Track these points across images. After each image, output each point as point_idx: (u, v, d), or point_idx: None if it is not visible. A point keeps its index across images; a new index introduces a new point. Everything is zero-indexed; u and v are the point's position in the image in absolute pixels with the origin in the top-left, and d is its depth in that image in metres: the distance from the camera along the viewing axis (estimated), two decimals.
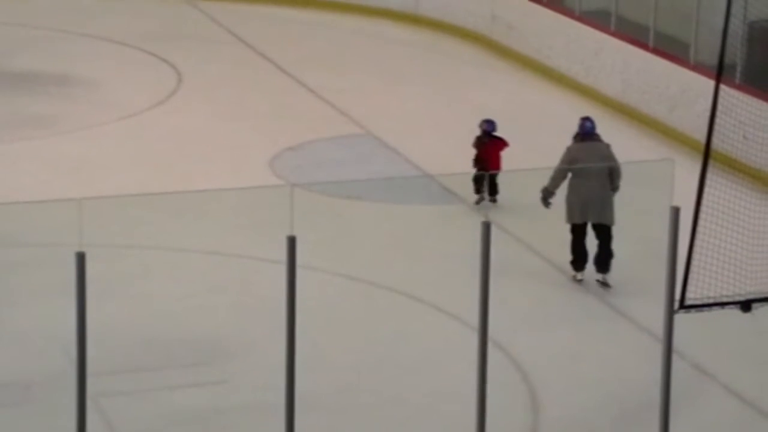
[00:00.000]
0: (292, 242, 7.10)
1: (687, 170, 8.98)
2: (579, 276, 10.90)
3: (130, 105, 14.98)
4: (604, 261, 10.79)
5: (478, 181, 12.28)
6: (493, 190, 12.27)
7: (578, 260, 10.89)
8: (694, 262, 7.62)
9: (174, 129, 14.42)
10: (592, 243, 10.90)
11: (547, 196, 10.92)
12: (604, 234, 10.78)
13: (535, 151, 13.76)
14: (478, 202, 12.25)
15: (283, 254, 7.16)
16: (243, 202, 11.94)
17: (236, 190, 11.76)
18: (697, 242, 7.63)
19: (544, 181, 11.07)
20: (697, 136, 13.53)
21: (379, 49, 17.76)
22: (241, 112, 15.05)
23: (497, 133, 12.36)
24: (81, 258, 6.67)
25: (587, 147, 11.01)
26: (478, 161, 12.30)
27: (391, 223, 12.16)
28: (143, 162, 13.33)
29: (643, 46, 15.11)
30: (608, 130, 14.09)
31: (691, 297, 7.60)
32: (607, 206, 10.75)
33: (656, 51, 14.95)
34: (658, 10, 15.04)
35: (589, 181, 10.81)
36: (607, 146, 11.07)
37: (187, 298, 10.43)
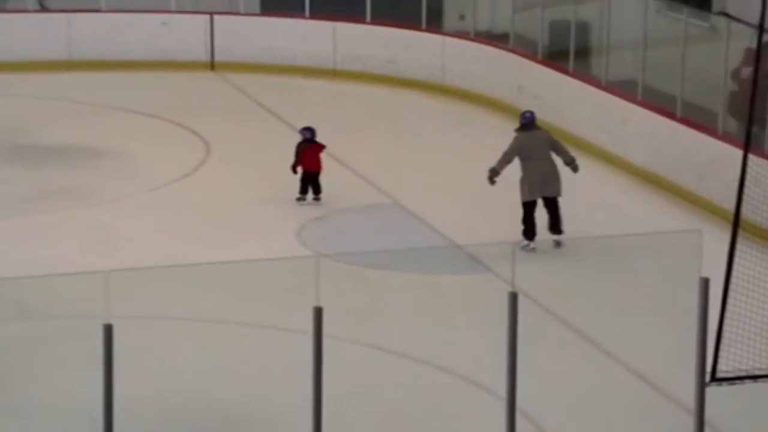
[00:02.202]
0: (318, 313, 7.09)
1: (716, 240, 8.92)
2: (532, 245, 12.64)
3: (158, 176, 15.09)
4: (556, 225, 12.72)
5: (304, 182, 14.04)
6: (317, 189, 14.07)
7: (531, 231, 12.74)
8: (725, 334, 7.54)
9: (202, 200, 14.49)
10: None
11: (493, 175, 12.96)
12: (554, 204, 12.80)
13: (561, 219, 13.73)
14: (300, 199, 14.05)
15: (309, 324, 7.14)
16: (270, 273, 11.94)
17: (263, 261, 11.77)
18: (728, 313, 7.56)
19: (569, 253, 11.05)
20: (727, 206, 13.46)
21: (407, 119, 17.85)
22: (268, 182, 15.12)
23: (317, 140, 14.17)
24: (108, 330, 6.68)
25: (531, 135, 13.03)
26: (302, 164, 14.06)
27: (419, 292, 12.12)
28: (171, 233, 13.38)
29: (671, 115, 15.11)
30: (636, 199, 14.09)
31: (723, 369, 7.50)
32: (557, 181, 12.80)
33: (684, 120, 14.95)
34: (685, 80, 15.07)
35: (539, 162, 12.78)
36: (547, 131, 13.27)
37: (214, 369, 10.39)
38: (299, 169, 14.09)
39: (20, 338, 10.76)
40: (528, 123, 13.16)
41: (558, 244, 12.71)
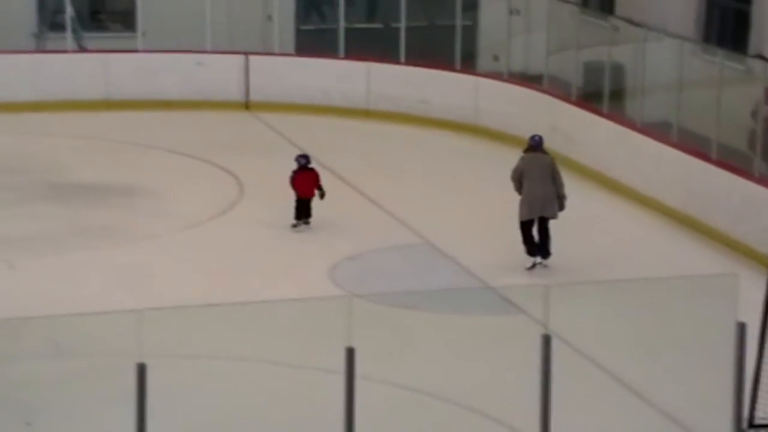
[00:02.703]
0: (350, 353, 7.08)
1: (752, 284, 8.85)
2: (537, 260, 13.41)
3: (192, 215, 15.16)
4: (546, 247, 13.46)
5: (299, 208, 14.49)
6: (308, 214, 14.57)
7: (533, 248, 13.46)
8: (763, 380, 7.45)
9: (235, 239, 14.54)
10: None
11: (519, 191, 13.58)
12: (545, 225, 13.49)
13: (594, 261, 13.68)
14: (295, 226, 14.49)
15: (341, 364, 7.12)
16: (302, 312, 11.94)
17: (296, 301, 11.77)
18: (765, 358, 7.47)
19: (603, 295, 11.00)
20: (763, 250, 13.37)
21: (439, 159, 17.87)
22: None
23: (311, 166, 14.73)
24: (141, 369, 6.68)
25: (536, 157, 13.71)
26: (296, 190, 14.52)
27: (451, 333, 12.07)
28: (204, 272, 13.42)
29: (705, 157, 15.04)
30: (670, 241, 13.99)
31: (761, 416, 7.41)
32: (554, 204, 13.47)
33: (718, 162, 14.87)
34: (720, 122, 15.01)
35: (540, 185, 13.48)
36: (551, 158, 13.83)
37: (246, 409, 10.38)
38: (293, 195, 14.61)
39: (54, 376, 10.79)
40: (535, 146, 13.76)
41: (544, 266, 13.42)
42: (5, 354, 10.78)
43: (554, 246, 13.65)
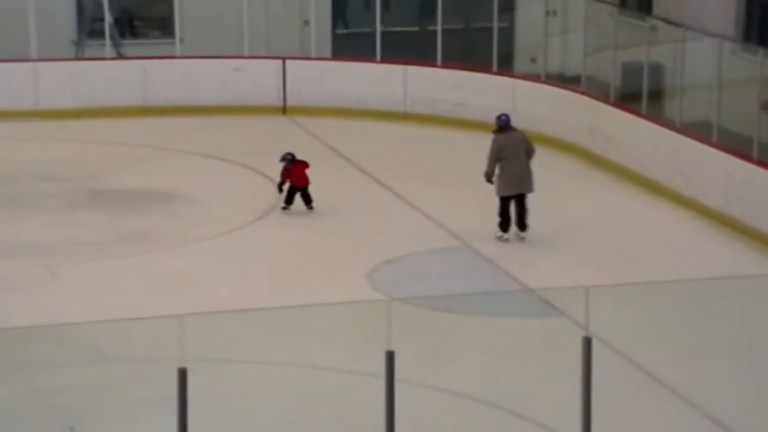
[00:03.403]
0: (390, 357, 7.06)
1: None
2: (506, 236, 14.22)
3: (230, 220, 15.21)
4: (523, 221, 14.28)
5: (291, 193, 15.34)
6: (309, 200, 15.36)
7: (506, 224, 14.27)
8: None
9: (273, 243, 14.57)
10: None
11: (488, 178, 14.31)
12: (523, 201, 14.27)
13: (634, 263, 13.59)
14: (285, 209, 15.28)
15: (381, 368, 7.11)
16: (341, 317, 11.94)
17: (335, 305, 11.77)
18: None
19: (644, 297, 10.93)
20: None
21: (476, 162, 17.80)
22: (339, 225, 15.17)
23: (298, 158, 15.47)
24: (183, 374, 6.70)
25: (509, 136, 14.35)
26: (291, 181, 15.34)
27: (491, 337, 12.04)
28: (244, 277, 13.46)
29: (747, 157, 14.91)
30: (711, 242, 13.88)
31: None
32: (530, 179, 14.22)
33: (760, 163, 14.74)
34: (762, 122, 14.87)
35: (515, 161, 14.19)
36: (522, 133, 14.51)
37: (286, 413, 10.39)
38: (287, 185, 15.38)
39: (96, 381, 10.86)
40: (504, 125, 14.45)
41: (522, 238, 14.28)
42: (48, 360, 10.86)
43: (597, 248, 13.50)
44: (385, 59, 19.65)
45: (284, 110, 19.94)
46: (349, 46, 21.09)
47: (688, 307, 12.16)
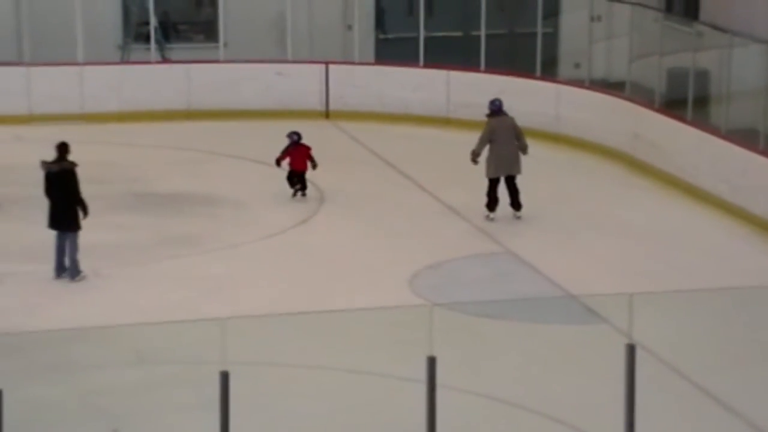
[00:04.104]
0: (432, 362, 7.05)
1: None
2: (492, 216, 15.03)
3: (273, 224, 15.26)
4: (517, 201, 15.07)
5: (291, 179, 15.74)
6: (304, 186, 15.75)
7: (493, 204, 15.08)
8: None
9: (316, 248, 14.59)
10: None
11: (474, 157, 15.04)
12: (514, 183, 15.01)
13: (678, 270, 13.48)
14: (294, 195, 15.79)
15: (423, 374, 7.10)
16: (383, 321, 11.94)
17: (377, 310, 11.77)
18: None
19: (688, 305, 10.84)
20: None
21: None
22: (381, 230, 15.17)
23: (302, 142, 15.92)
24: (225, 377, 6.72)
25: (500, 120, 15.13)
26: (291, 164, 15.74)
27: (533, 343, 11.98)
28: (286, 281, 13.49)
29: None
30: (756, 250, 13.74)
31: None
32: (519, 162, 14.98)
33: None
34: None
35: (506, 145, 14.94)
36: (512, 118, 15.17)
37: (328, 417, 10.40)
38: (286, 168, 15.79)
39: (138, 383, 10.92)
40: (497, 110, 15.18)
41: (518, 217, 15.09)
42: (91, 362, 10.94)
43: (640, 255, 13.43)
44: (427, 64, 19.65)
45: (327, 115, 19.98)
46: (392, 50, 21.09)
47: (732, 316, 12.04)
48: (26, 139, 18.08)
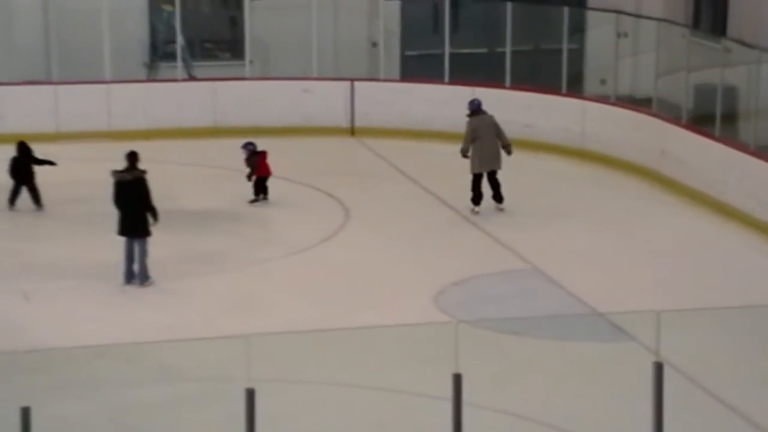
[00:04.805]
0: (457, 379, 7.01)
1: None
2: (477, 209, 15.85)
3: (298, 240, 15.26)
4: (499, 195, 15.97)
5: (259, 185, 16.18)
6: (265, 191, 16.17)
7: (478, 198, 15.91)
8: None
9: (341, 264, 14.58)
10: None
11: (464, 153, 15.88)
12: (495, 177, 15.90)
13: (706, 287, 13.39)
14: (256, 201, 16.18)
15: (448, 391, 7.06)
16: (408, 338, 11.90)
17: (403, 327, 11.73)
18: None
19: (716, 322, 10.77)
20: None
21: (544, 183, 17.72)
22: (406, 246, 15.15)
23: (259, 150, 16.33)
24: (251, 394, 6.71)
25: (481, 119, 15.92)
26: (258, 171, 16.15)
27: (559, 360, 11.91)
28: (311, 297, 13.48)
29: None
30: None
31: None
32: (500, 157, 15.88)
33: None
34: None
35: (488, 142, 15.81)
36: (491, 116, 15.96)
37: None
38: (254, 177, 16.15)
39: (165, 400, 10.92)
40: (477, 109, 15.98)
41: (501, 209, 15.94)
42: (118, 379, 10.95)
43: (667, 272, 13.42)
44: (453, 80, 19.64)
45: (352, 131, 20.00)
46: (417, 67, 21.10)
47: (761, 333, 11.93)
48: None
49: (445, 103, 19.49)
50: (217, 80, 20.06)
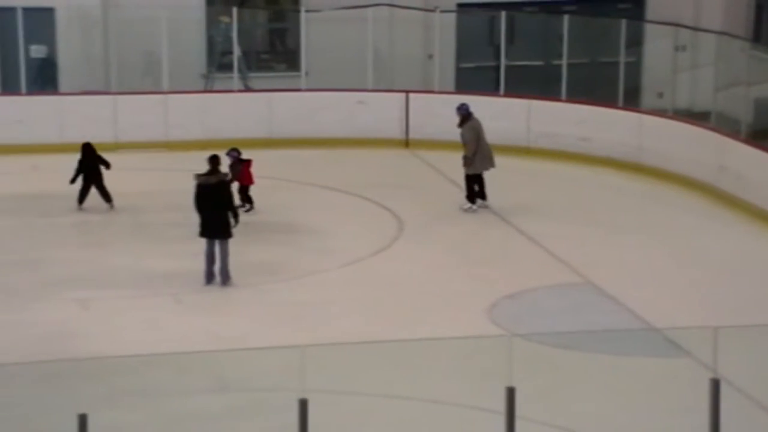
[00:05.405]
0: (511, 393, 6.98)
1: None
2: (475, 207, 16.49)
3: (352, 252, 15.28)
4: (484, 193, 16.60)
5: (245, 192, 16.28)
6: (251, 201, 16.35)
7: (475, 197, 16.53)
8: None
9: (394, 276, 14.58)
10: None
11: (469, 162, 16.48)
12: (483, 176, 16.60)
13: (765, 305, 13.23)
14: (248, 210, 16.22)
15: (501, 404, 7.03)
16: (461, 351, 11.87)
17: (455, 339, 11.70)
18: None
19: (766, 342, 10.64)
20: None
21: (600, 197, 17.61)
22: (460, 259, 15.12)
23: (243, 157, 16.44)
24: (304, 405, 6.72)
25: (476, 121, 16.61)
26: (242, 180, 16.25)
27: (613, 375, 11.81)
28: (364, 309, 13.49)
29: None
30: None
31: None
32: (493, 157, 16.71)
33: None
34: None
35: (485, 143, 16.61)
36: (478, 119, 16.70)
37: None
38: (237, 185, 16.15)
39: (218, 410, 10.97)
40: (469, 113, 16.61)
41: (486, 207, 16.54)
42: (171, 388, 11.02)
43: (725, 288, 13.43)
44: (508, 93, 19.60)
45: (407, 143, 20.01)
46: (472, 79, 21.08)
47: None
48: (42, 169, 18.41)
49: (500, 115, 19.44)
50: (273, 91, 20.17)
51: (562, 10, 19.99)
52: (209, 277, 13.88)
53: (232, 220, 13.98)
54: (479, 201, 16.55)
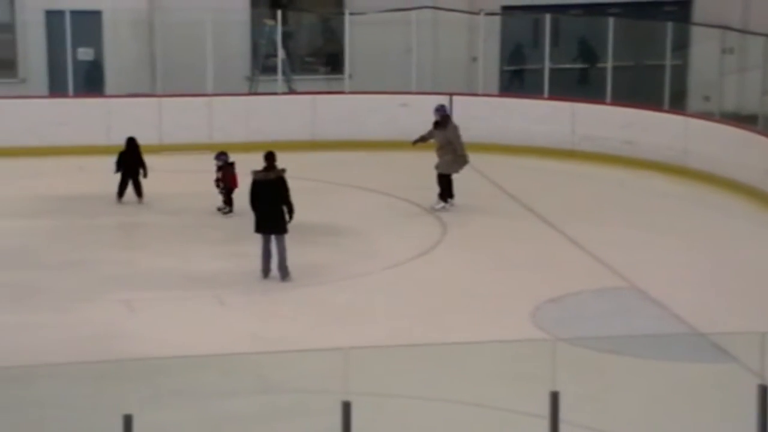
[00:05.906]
0: (554, 397, 6.95)
1: None
2: (447, 206, 16.71)
3: (394, 255, 15.28)
4: (452, 192, 16.87)
5: (229, 195, 16.50)
6: (231, 203, 16.47)
7: (449, 196, 16.81)
8: None
9: (437, 280, 14.56)
10: None
11: (463, 163, 16.95)
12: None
13: None
14: (226, 213, 16.48)
15: (545, 409, 6.99)
16: (505, 355, 11.82)
17: (499, 343, 11.67)
18: None
19: None
20: None
21: (645, 201, 17.50)
22: (503, 263, 15.07)
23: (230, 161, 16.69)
24: (347, 407, 6.73)
25: (454, 124, 17.03)
26: (224, 182, 16.53)
27: (658, 380, 11.72)
28: (406, 312, 13.48)
29: None
30: None
31: None
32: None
33: None
34: None
35: (461, 145, 16.84)
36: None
37: None
38: (222, 187, 16.51)
39: (261, 411, 11.00)
40: (448, 114, 17.18)
41: (453, 205, 16.80)
42: (215, 389, 11.07)
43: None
44: (552, 96, 19.52)
45: None
46: (516, 82, 21.03)
47: None
48: (87, 170, 18.53)
49: (545, 118, 19.38)
50: (317, 94, 20.23)
51: (607, 13, 19.90)
52: (266, 272, 14.01)
53: (286, 216, 14.00)
54: (441, 203, 16.74)
